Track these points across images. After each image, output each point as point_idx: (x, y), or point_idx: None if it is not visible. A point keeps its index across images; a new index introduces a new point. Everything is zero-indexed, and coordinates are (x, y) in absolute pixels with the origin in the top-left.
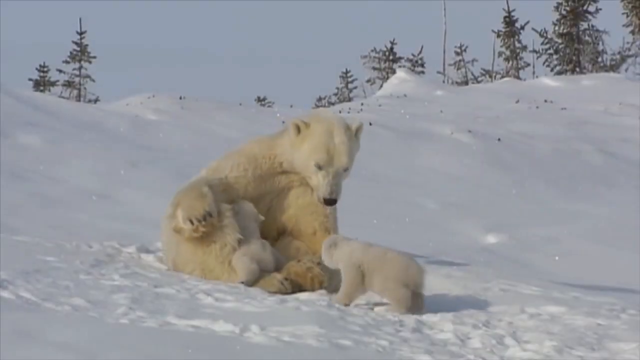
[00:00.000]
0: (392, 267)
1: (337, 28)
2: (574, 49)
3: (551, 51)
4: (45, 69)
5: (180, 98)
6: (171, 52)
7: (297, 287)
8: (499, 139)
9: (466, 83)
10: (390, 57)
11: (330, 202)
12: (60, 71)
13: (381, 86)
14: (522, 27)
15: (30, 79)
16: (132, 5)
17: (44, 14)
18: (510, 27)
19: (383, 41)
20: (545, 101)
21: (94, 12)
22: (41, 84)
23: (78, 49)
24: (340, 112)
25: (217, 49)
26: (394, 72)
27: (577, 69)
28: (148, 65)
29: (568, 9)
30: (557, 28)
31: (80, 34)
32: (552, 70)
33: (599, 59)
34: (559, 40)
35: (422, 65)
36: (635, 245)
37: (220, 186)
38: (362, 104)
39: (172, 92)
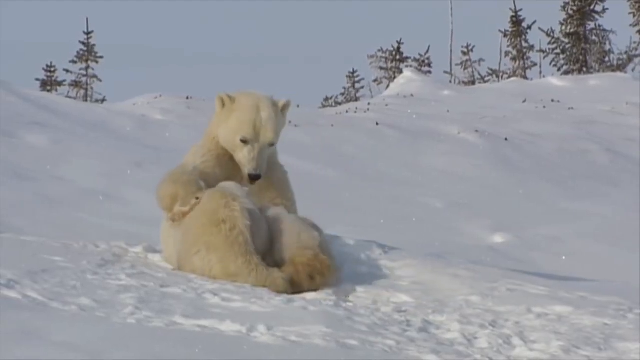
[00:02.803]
0: (285, 236)
1: (344, 28)
2: (581, 49)
3: (558, 51)
4: (52, 69)
5: (187, 98)
6: (177, 52)
7: (306, 277)
8: (505, 139)
9: (473, 83)
10: (397, 57)
11: (255, 177)
12: (67, 71)
13: (388, 86)
14: (529, 27)
15: (37, 79)
16: (138, 5)
17: (50, 14)
18: (517, 27)
19: (390, 41)
20: (552, 101)
21: (100, 12)
22: (48, 84)
23: (85, 48)
24: (347, 112)
25: (224, 49)
26: (400, 71)
27: (584, 69)
28: (155, 65)
29: (575, 8)
30: (564, 28)
31: (87, 33)
32: (559, 70)
33: (606, 59)
34: (566, 40)
35: (429, 65)
36: None
37: (196, 173)
38: (368, 104)
39: (179, 92)
